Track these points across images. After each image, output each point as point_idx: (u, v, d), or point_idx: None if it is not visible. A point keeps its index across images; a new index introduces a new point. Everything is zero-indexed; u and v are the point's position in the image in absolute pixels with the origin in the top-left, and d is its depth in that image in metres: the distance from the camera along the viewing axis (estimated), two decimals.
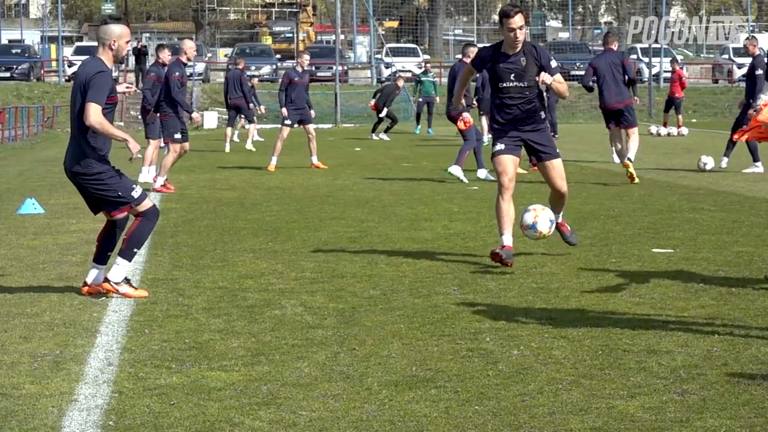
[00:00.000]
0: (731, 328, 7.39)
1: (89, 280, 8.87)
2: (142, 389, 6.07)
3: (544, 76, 9.82)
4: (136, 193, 8.71)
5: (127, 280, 8.77)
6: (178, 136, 17.82)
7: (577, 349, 6.88)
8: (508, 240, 9.92)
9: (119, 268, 8.73)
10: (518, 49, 9.93)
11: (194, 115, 18.83)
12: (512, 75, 9.94)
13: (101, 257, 8.87)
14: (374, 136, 35.46)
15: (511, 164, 10.03)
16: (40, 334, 7.48)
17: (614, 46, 19.54)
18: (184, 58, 17.70)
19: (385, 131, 35.74)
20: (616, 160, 22.85)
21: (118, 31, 8.57)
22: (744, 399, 5.72)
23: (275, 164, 22.14)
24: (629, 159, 18.39)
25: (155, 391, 6.01)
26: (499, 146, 10.08)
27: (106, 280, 8.73)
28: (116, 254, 8.78)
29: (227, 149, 28.58)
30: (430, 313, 8.01)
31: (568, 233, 10.64)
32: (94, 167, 8.58)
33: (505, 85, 9.98)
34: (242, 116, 30.82)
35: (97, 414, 5.63)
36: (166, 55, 19.44)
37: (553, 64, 10.02)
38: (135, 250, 8.79)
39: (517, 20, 9.77)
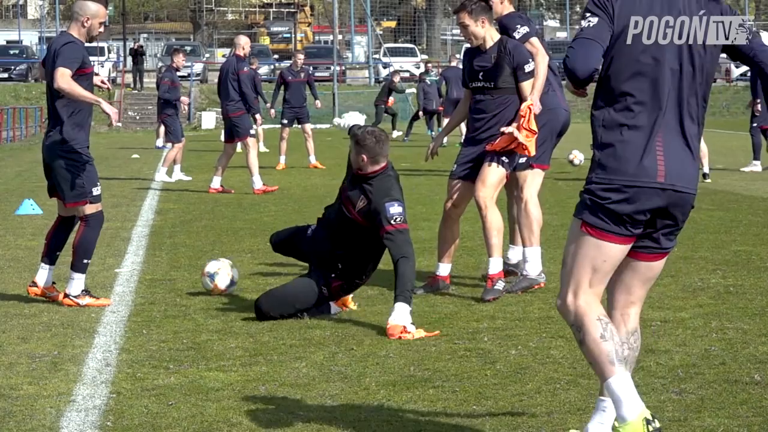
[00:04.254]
0: (729, 327, 7.39)
1: (38, 281, 8.57)
2: (140, 390, 6.07)
3: (506, 128, 8.47)
4: (96, 190, 8.46)
5: (86, 291, 8.43)
6: (254, 131, 18.07)
7: (575, 348, 6.86)
8: (442, 270, 8.98)
9: (75, 282, 8.38)
10: (489, 45, 8.66)
11: (258, 116, 19.54)
12: (480, 74, 8.69)
13: (50, 256, 8.63)
14: (403, 136, 34.97)
15: (458, 191, 8.95)
16: (37, 334, 7.48)
17: None
18: (240, 52, 17.79)
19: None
20: None
21: (93, 9, 8.33)
22: (742, 398, 5.72)
23: (284, 163, 22.69)
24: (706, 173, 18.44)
25: (153, 392, 6.01)
26: (454, 167, 8.96)
27: (66, 295, 8.39)
28: (70, 268, 8.46)
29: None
30: (427, 313, 8.01)
31: (433, 283, 8.96)
32: (75, 146, 8.34)
33: (473, 85, 8.77)
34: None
35: (95, 414, 5.63)
36: (180, 60, 19.49)
37: (528, 67, 8.64)
38: (85, 261, 8.42)
39: (460, 17, 8.67)
